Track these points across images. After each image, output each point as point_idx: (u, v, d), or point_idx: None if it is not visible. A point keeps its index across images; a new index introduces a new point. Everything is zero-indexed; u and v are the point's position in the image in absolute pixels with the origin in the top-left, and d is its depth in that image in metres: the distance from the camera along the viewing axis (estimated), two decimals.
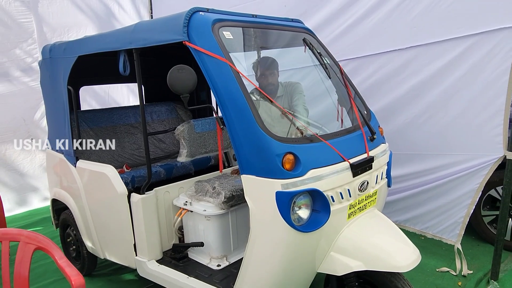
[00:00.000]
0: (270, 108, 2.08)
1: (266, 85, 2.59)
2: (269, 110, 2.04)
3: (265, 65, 2.63)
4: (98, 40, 2.67)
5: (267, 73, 2.61)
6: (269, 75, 2.62)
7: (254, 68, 2.66)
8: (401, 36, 3.13)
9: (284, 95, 2.62)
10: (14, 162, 4.89)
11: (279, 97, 2.64)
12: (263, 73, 2.60)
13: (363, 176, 2.06)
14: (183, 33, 2.00)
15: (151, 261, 2.58)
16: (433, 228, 3.23)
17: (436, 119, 3.08)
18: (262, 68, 2.60)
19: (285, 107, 2.56)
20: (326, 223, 1.85)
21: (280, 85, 2.72)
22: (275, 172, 1.77)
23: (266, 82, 2.58)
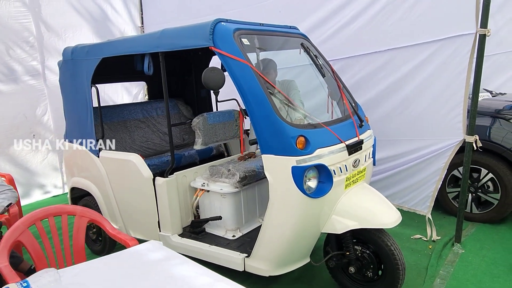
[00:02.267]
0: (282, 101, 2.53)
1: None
2: (282, 103, 2.50)
3: (264, 65, 3.08)
4: (123, 43, 3.03)
5: (265, 72, 3.06)
6: (267, 74, 3.06)
7: (257, 67, 3.10)
8: (380, 40, 3.66)
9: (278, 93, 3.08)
10: (18, 156, 5.10)
11: (277, 93, 3.10)
12: (263, 72, 3.03)
13: (356, 155, 2.57)
14: (209, 40, 2.43)
15: (174, 235, 2.99)
16: (408, 202, 3.80)
17: (409, 110, 3.64)
18: (261, 68, 3.02)
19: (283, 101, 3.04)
20: (329, 191, 2.33)
21: (277, 82, 3.18)
22: (291, 151, 2.24)
23: (272, 80, 3.03)
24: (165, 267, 1.56)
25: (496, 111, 3.95)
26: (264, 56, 3.15)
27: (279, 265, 2.50)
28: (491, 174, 3.71)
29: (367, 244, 2.57)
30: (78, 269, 1.58)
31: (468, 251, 3.33)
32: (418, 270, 3.07)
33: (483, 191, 3.81)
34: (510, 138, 3.67)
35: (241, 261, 2.58)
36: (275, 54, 3.05)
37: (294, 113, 2.51)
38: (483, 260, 3.17)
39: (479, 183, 3.80)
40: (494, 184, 3.72)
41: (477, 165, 3.76)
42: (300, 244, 2.46)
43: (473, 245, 3.42)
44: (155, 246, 1.71)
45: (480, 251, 3.33)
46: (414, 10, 3.43)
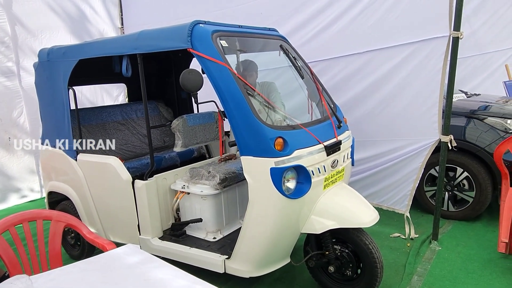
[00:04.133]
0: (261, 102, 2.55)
1: (252, 84, 3.06)
2: (261, 104, 2.51)
3: (244, 67, 3.09)
4: (100, 45, 2.99)
5: (246, 74, 3.08)
6: (248, 76, 3.08)
7: (237, 69, 3.12)
8: (359, 42, 3.72)
9: (261, 93, 3.10)
10: None
11: (256, 95, 3.12)
12: (243, 74, 3.05)
13: (334, 155, 2.60)
14: (187, 41, 2.42)
15: (154, 238, 2.96)
16: (388, 201, 3.88)
17: (387, 111, 3.71)
18: (242, 70, 3.05)
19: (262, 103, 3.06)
20: (308, 192, 2.36)
21: (258, 84, 3.20)
22: (269, 152, 2.25)
23: (253, 82, 3.06)
24: (142, 270, 1.55)
25: (471, 111, 4.07)
26: (243, 58, 3.17)
27: (260, 266, 2.51)
28: (467, 172, 3.82)
29: (346, 243, 2.61)
30: (52, 275, 1.55)
31: (445, 248, 3.41)
32: (396, 267, 3.13)
33: (459, 190, 3.91)
34: (484, 137, 3.79)
35: (221, 263, 2.58)
36: (254, 56, 3.06)
37: (273, 114, 2.52)
38: (459, 257, 3.26)
39: (455, 181, 3.90)
40: (469, 182, 3.83)
41: (453, 164, 3.87)
42: (280, 244, 2.48)
43: (449, 242, 3.51)
44: (132, 250, 1.70)
45: (456, 247, 3.42)
46: (391, 13, 3.50)
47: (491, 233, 3.66)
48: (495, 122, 3.86)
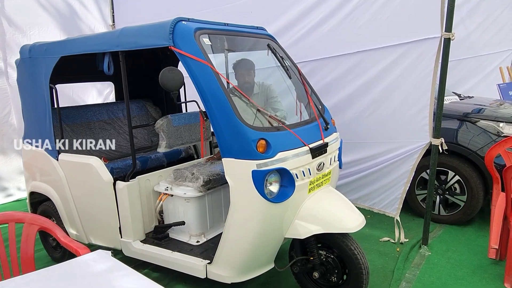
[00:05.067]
0: (245, 103, 2.48)
1: (243, 83, 3.00)
2: (245, 105, 2.44)
3: (243, 66, 3.02)
4: (82, 42, 2.91)
5: (245, 73, 3.02)
6: (246, 75, 3.02)
7: (234, 68, 3.04)
8: (349, 42, 3.65)
9: (260, 93, 3.04)
10: None
11: (255, 95, 3.06)
12: (241, 73, 3.00)
13: (320, 158, 2.53)
14: (169, 39, 2.34)
15: (135, 241, 2.88)
16: (378, 204, 3.81)
17: (378, 113, 3.64)
18: (241, 69, 2.99)
19: (260, 103, 3.00)
20: (292, 195, 2.28)
21: (256, 84, 3.13)
22: (251, 154, 2.17)
23: (243, 80, 3.00)
24: (108, 278, 1.47)
25: (464, 114, 4.01)
26: (240, 57, 3.09)
27: (242, 271, 2.43)
28: (458, 176, 3.76)
29: (331, 249, 2.53)
30: (14, 283, 1.47)
31: (435, 253, 3.34)
32: (384, 273, 3.06)
33: (450, 193, 3.85)
34: (476, 141, 3.73)
35: (203, 268, 2.50)
36: (241, 55, 2.99)
37: (259, 115, 2.44)
38: (449, 262, 3.19)
39: (447, 185, 3.84)
40: (461, 186, 3.77)
41: (444, 168, 3.80)
42: (262, 249, 2.40)
43: (439, 247, 3.44)
44: (101, 257, 1.62)
45: (446, 253, 3.35)
46: (382, 14, 3.43)
47: (482, 238, 3.60)
48: (488, 125, 3.80)
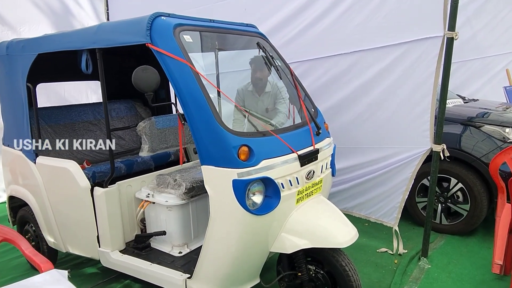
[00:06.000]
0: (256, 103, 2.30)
1: (256, 79, 2.89)
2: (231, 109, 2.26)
3: (258, 62, 2.86)
4: (59, 39, 2.74)
5: (258, 69, 2.89)
6: (259, 71, 2.90)
7: (251, 63, 2.92)
8: (345, 41, 3.45)
9: (271, 92, 2.92)
10: None
11: (267, 93, 2.94)
12: (255, 69, 2.89)
13: (309, 166, 2.33)
14: (146, 36, 2.16)
15: (114, 251, 2.70)
16: (376, 213, 3.61)
17: (376, 116, 3.44)
18: (255, 65, 2.88)
19: (270, 102, 2.90)
20: (277, 207, 2.10)
21: (269, 82, 2.96)
22: (232, 162, 1.99)
23: (256, 77, 2.89)
24: None
25: (468, 118, 3.80)
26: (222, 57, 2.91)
27: (224, 287, 2.25)
28: (461, 184, 3.55)
29: (321, 264, 2.34)
30: None
31: (435, 266, 3.14)
32: None
33: (452, 202, 3.65)
34: (480, 147, 3.52)
35: (182, 283, 2.32)
36: (227, 54, 2.80)
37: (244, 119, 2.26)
38: (449, 277, 2.99)
39: (449, 193, 3.64)
40: (464, 194, 3.56)
41: (447, 175, 3.60)
42: (245, 264, 2.22)
43: (440, 260, 3.24)
44: (53, 278, 1.44)
45: (447, 266, 3.15)
46: (379, 12, 3.23)
47: (485, 250, 3.39)
48: (493, 130, 3.59)
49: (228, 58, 3.08)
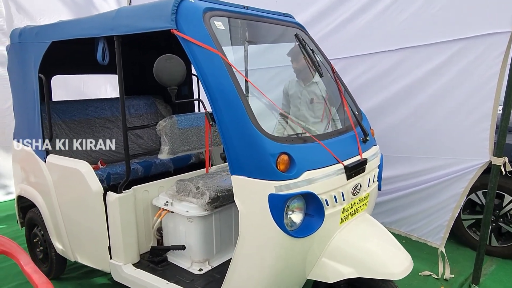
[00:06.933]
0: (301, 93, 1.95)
1: (303, 69, 2.55)
2: (265, 108, 1.94)
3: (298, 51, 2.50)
4: (75, 25, 2.47)
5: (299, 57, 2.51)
6: (302, 60, 2.49)
7: (290, 54, 2.58)
8: (391, 37, 3.08)
9: (319, 82, 2.56)
10: None
11: (314, 83, 2.59)
12: (300, 58, 2.50)
13: (356, 178, 1.99)
14: (171, 20, 1.86)
15: (127, 264, 2.41)
16: (418, 231, 3.21)
17: (424, 121, 3.06)
18: (296, 53, 2.50)
19: (317, 93, 2.56)
20: (319, 228, 1.75)
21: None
22: (269, 173, 1.66)
23: (302, 66, 2.53)
24: None
25: None
26: (255, 49, 2.58)
27: None
28: None
29: None
30: None
31: None
32: None
33: (505, 221, 3.22)
34: None
35: None
36: (261, 47, 2.47)
37: (282, 122, 1.94)
38: None
39: (501, 211, 3.22)
40: None
41: (500, 190, 3.17)
42: None
43: None
44: None
45: None
46: (433, 3, 2.85)
47: None
48: None
49: (262, 52, 2.75)
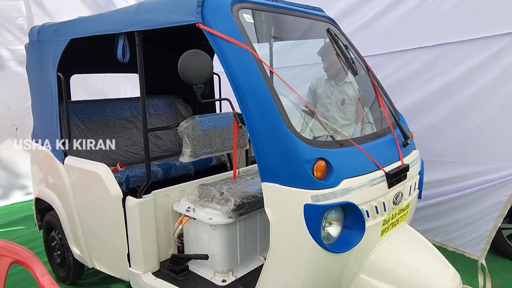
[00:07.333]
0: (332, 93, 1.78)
1: (334, 68, 2.39)
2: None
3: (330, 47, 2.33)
4: (94, 21, 2.36)
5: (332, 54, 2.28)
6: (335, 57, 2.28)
7: (321, 52, 2.41)
8: (427, 32, 2.88)
9: (352, 82, 2.37)
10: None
11: (347, 83, 2.41)
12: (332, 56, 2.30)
13: (397, 186, 1.80)
14: (197, 14, 1.71)
15: (146, 273, 2.29)
16: (456, 241, 2.99)
17: (464, 123, 2.84)
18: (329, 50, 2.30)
19: (350, 94, 2.39)
20: (359, 242, 1.58)
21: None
22: (304, 181, 1.50)
23: (333, 65, 2.38)
24: None
25: None
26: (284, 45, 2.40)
27: None
28: None
29: None
30: None
31: None
32: None
33: None
34: None
35: None
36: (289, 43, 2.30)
37: (315, 124, 1.77)
38: None
39: None
40: None
41: None
42: None
43: None
44: None
45: None
46: None
47: None
48: None
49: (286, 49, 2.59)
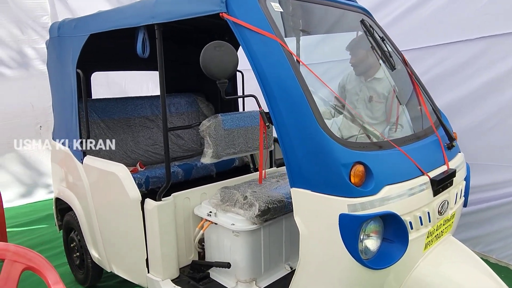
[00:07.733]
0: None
1: (364, 62, 2.22)
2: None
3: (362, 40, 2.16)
4: (113, 15, 2.26)
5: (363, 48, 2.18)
6: (365, 51, 2.18)
7: (349, 47, 2.25)
8: (468, 24, 2.66)
9: (384, 79, 2.18)
10: (23, 152, 4.55)
11: (378, 79, 2.23)
12: (362, 50, 2.19)
13: (443, 194, 1.61)
14: (221, 2, 1.58)
15: (165, 280, 2.17)
16: (499, 252, 2.75)
17: (507, 125, 2.61)
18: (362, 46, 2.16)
19: (379, 90, 2.20)
20: (401, 257, 1.40)
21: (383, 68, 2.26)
22: (340, 187, 1.33)
23: (362, 59, 2.21)
24: None
25: None
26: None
27: None
28: None
29: None
30: None
31: None
32: None
33: None
34: None
35: None
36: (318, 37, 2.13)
37: (349, 124, 1.60)
38: None
39: None
40: None
41: None
42: None
43: None
44: None
45: None
46: None
47: None
48: None
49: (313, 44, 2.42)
